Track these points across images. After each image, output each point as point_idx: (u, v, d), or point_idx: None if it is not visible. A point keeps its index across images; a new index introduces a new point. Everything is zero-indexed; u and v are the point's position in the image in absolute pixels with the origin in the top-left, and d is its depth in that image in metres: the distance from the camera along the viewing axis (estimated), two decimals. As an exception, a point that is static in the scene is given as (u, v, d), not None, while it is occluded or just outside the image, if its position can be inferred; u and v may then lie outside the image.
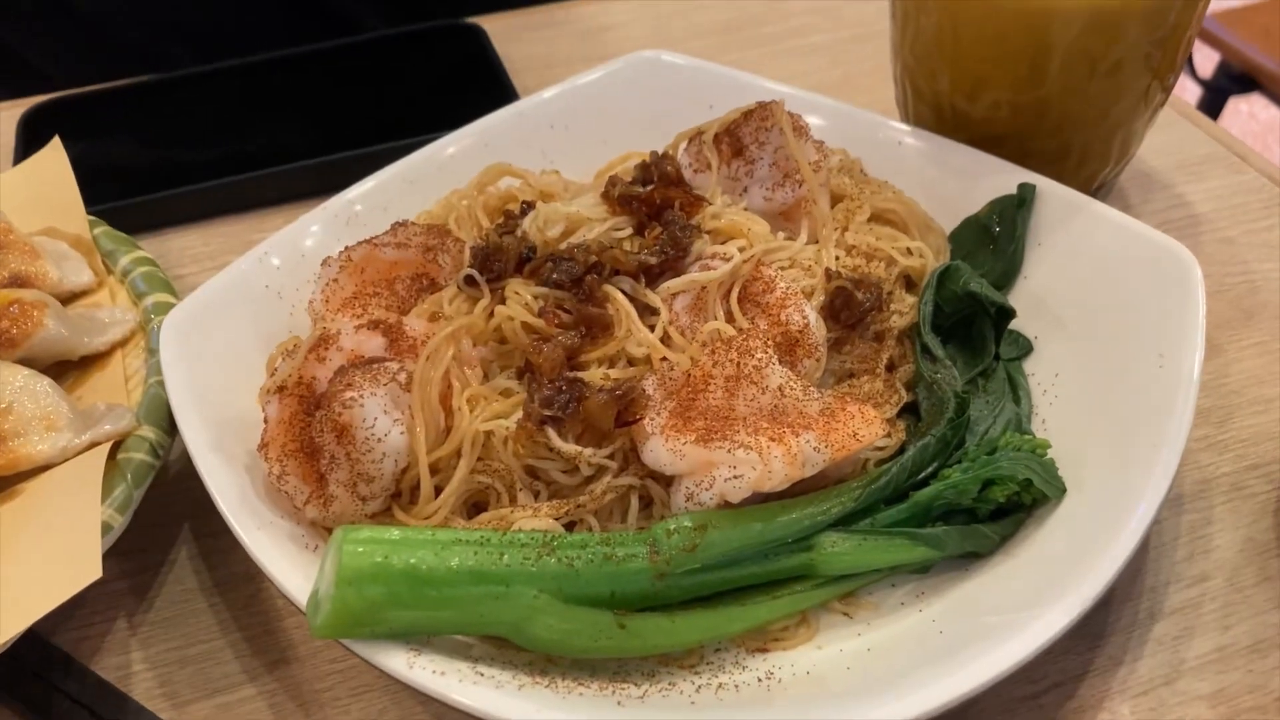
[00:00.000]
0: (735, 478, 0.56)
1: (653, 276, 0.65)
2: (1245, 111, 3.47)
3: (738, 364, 0.59)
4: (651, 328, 0.63)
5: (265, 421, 0.60)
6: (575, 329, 0.62)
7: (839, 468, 0.60)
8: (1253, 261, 0.82)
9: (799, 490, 0.59)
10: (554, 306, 0.63)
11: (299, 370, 0.60)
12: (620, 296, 0.63)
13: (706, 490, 0.56)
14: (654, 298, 0.64)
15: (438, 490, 0.59)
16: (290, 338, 0.68)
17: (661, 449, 0.57)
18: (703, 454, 0.57)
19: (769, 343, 0.60)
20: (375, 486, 0.58)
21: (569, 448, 0.58)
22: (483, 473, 0.60)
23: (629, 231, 0.67)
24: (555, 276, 0.63)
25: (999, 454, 0.60)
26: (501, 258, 0.65)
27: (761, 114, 0.73)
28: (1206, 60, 2.43)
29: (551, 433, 0.58)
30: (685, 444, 0.57)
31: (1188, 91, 2.53)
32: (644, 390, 0.59)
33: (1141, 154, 0.90)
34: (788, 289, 0.65)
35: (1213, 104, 2.48)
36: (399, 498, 0.61)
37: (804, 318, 0.64)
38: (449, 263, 0.68)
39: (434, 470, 0.59)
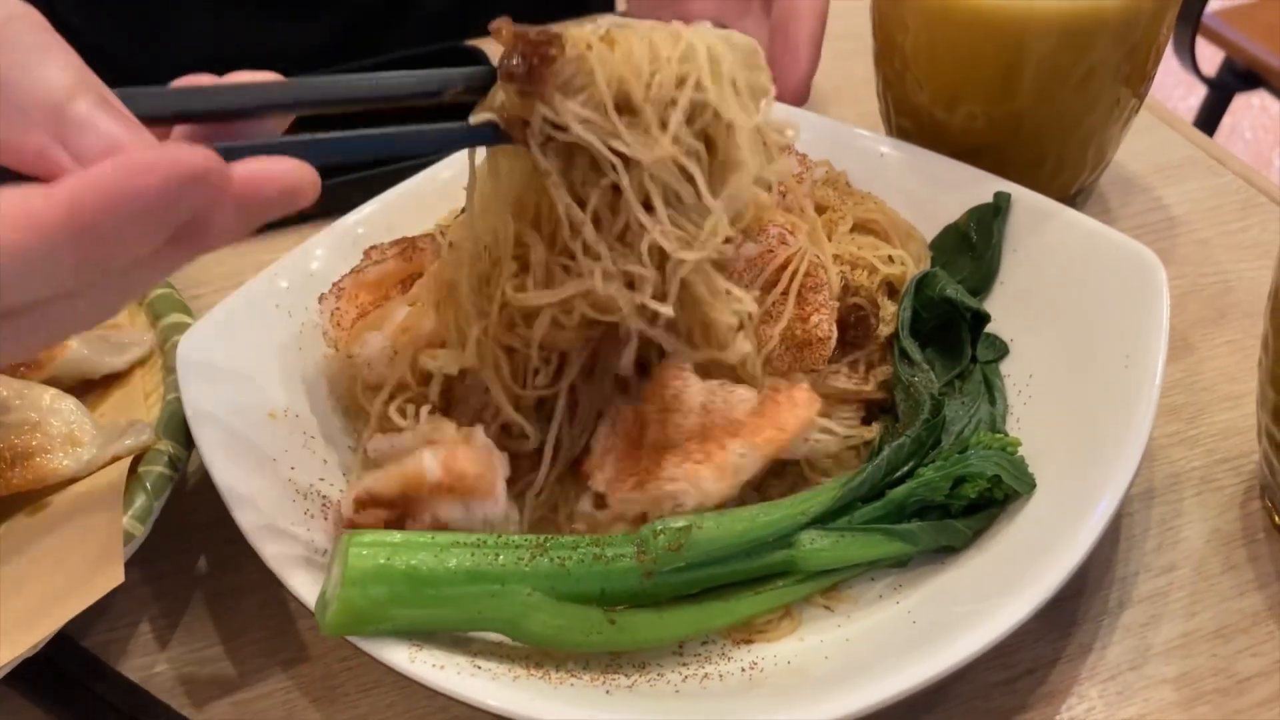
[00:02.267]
0: (678, 507, 0.60)
1: None
2: (1257, 105, 3.48)
3: (662, 395, 0.62)
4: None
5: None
6: None
7: (791, 451, 0.63)
8: (1226, 262, 0.84)
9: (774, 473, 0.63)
10: None
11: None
12: None
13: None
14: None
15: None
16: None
17: (614, 502, 0.61)
18: (643, 497, 0.60)
19: (682, 368, 0.63)
20: None
21: None
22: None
23: None
24: None
25: (970, 452, 0.63)
26: None
27: None
28: (1211, 58, 2.44)
29: None
30: (627, 493, 0.61)
31: (1195, 90, 2.54)
32: (589, 446, 0.63)
33: (1121, 158, 0.93)
34: (825, 300, 0.68)
35: (1217, 102, 2.49)
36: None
37: (830, 331, 0.67)
38: (429, 245, 0.71)
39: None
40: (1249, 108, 3.50)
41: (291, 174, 0.47)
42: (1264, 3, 2.53)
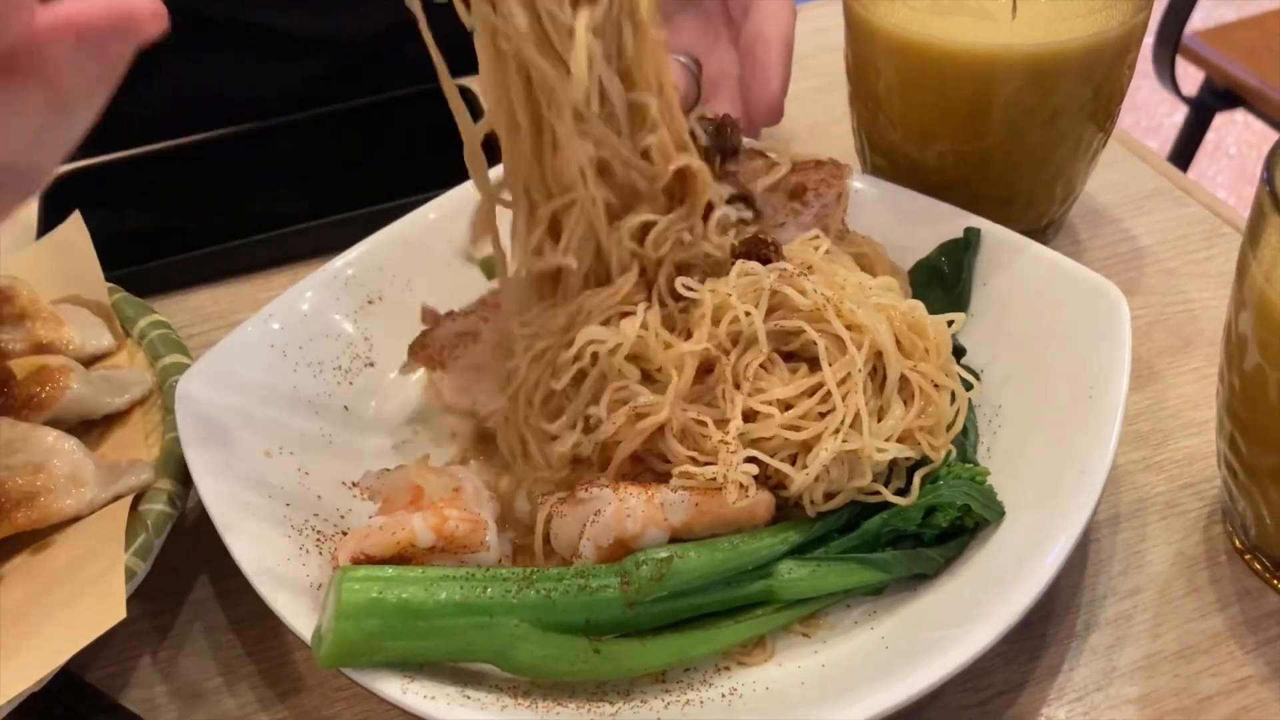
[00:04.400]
0: (597, 514, 0.62)
1: None
2: (1241, 121, 3.53)
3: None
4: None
5: None
6: None
7: (724, 528, 0.65)
8: (1192, 291, 0.87)
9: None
10: None
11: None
12: None
13: (588, 542, 0.62)
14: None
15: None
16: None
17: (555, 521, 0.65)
18: (570, 507, 0.64)
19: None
20: None
21: None
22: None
23: None
24: None
25: (940, 482, 0.65)
26: None
27: (833, 170, 0.79)
28: (1193, 76, 2.48)
29: None
30: (559, 506, 0.64)
31: (1179, 108, 2.58)
32: None
33: (1091, 190, 0.96)
34: None
35: (1198, 121, 2.53)
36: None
37: None
38: None
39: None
40: (1233, 124, 3.54)
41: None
42: (1242, 23, 2.57)
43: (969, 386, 0.70)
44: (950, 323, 0.70)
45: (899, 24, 0.79)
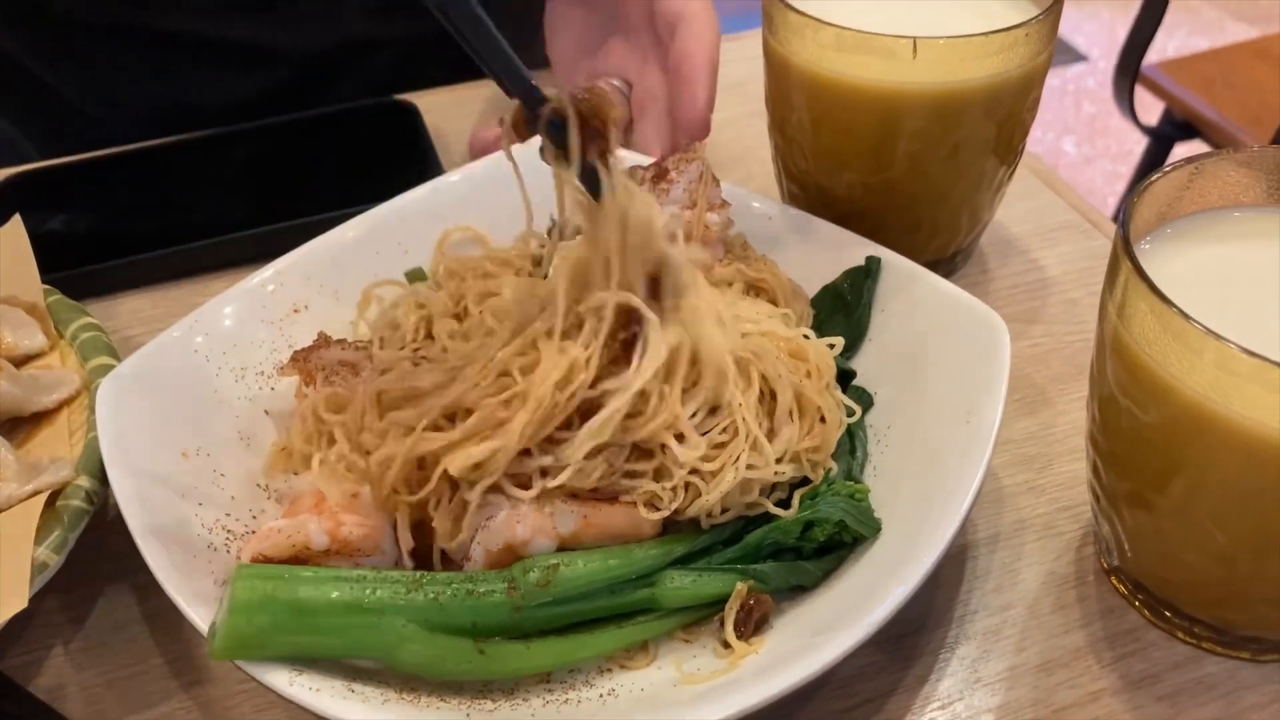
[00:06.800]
0: (488, 521, 0.65)
1: None
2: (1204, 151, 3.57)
3: None
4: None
5: None
6: None
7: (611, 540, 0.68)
8: (1091, 321, 0.90)
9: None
10: None
11: None
12: None
13: (478, 546, 0.65)
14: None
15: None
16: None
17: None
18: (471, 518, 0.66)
19: None
20: None
21: None
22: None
23: None
24: None
25: (819, 498, 0.69)
26: None
27: (688, 151, 0.84)
28: (1152, 108, 2.53)
29: None
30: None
31: (1142, 142, 2.62)
32: None
33: (1004, 221, 1.00)
34: None
35: (1158, 150, 2.58)
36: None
37: None
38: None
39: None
40: (1203, 148, 3.59)
41: None
42: (1203, 55, 2.62)
43: (851, 412, 0.74)
44: (831, 346, 0.73)
45: (810, 59, 0.83)
